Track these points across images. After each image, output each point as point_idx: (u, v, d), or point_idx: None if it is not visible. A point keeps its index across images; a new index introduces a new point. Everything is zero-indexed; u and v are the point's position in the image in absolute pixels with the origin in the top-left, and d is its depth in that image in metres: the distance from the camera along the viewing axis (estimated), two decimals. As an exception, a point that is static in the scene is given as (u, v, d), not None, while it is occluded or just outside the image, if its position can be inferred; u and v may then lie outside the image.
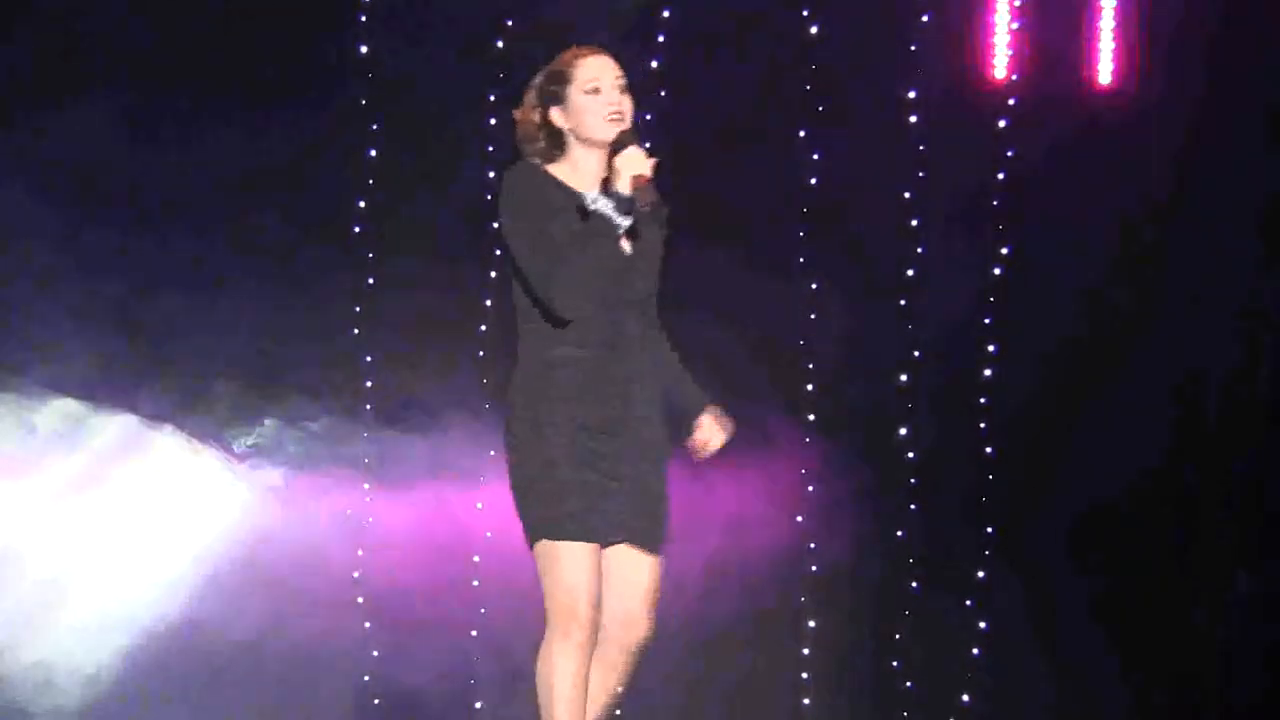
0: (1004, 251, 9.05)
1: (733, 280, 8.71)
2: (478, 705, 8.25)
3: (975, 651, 8.94)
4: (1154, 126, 9.03)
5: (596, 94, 5.20)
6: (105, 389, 8.27)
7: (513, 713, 8.13)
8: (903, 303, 9.00)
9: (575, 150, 5.27)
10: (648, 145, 5.21)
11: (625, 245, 5.18)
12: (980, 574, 8.96)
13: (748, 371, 8.70)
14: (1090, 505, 8.91)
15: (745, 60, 8.77)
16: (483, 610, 8.05)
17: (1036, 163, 9.02)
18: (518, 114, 5.30)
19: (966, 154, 9.02)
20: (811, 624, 8.81)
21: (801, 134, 8.86)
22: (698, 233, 8.38)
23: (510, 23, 8.56)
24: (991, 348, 9.05)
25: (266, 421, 8.34)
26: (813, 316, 8.90)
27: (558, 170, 5.27)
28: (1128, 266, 8.99)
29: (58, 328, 8.21)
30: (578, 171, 5.26)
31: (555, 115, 5.21)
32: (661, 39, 8.74)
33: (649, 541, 5.27)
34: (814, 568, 8.80)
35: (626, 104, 5.24)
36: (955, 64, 9.08)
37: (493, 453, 8.14)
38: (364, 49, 8.41)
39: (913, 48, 8.94)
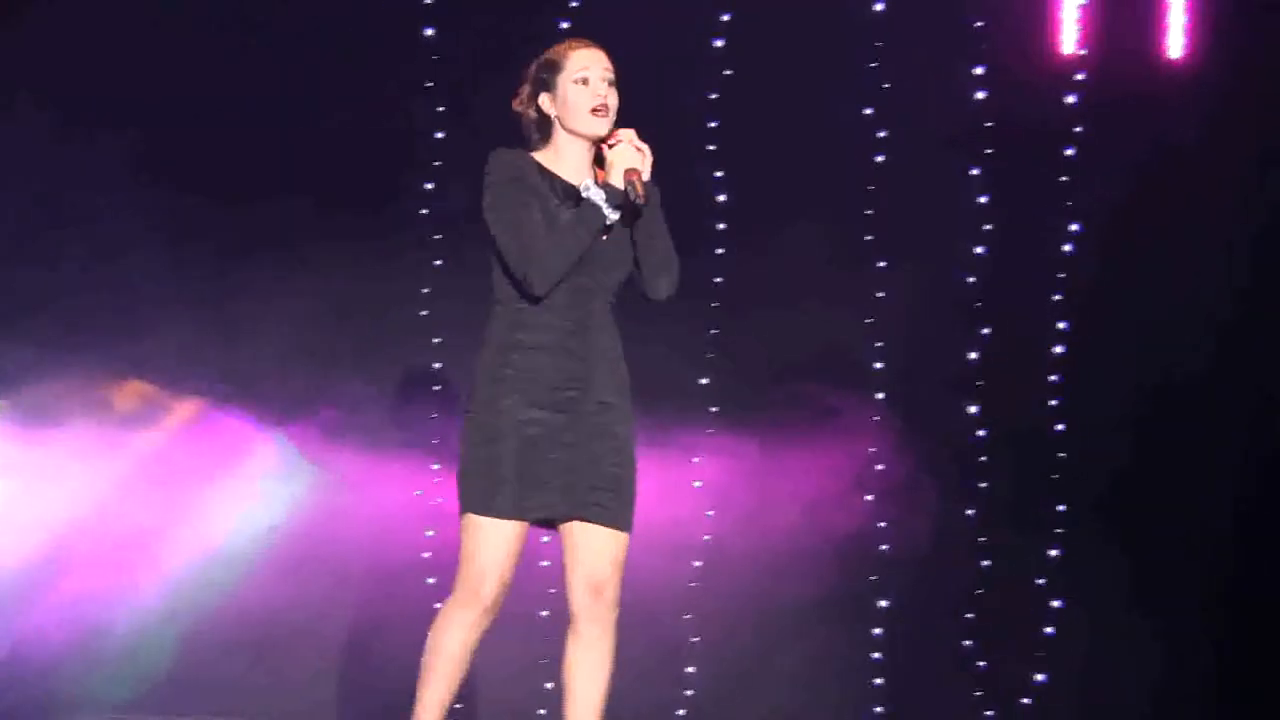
0: (1074, 228, 9.01)
1: (800, 259, 8.77)
2: (547, 686, 8.25)
3: (1049, 630, 8.93)
4: (1223, 100, 8.97)
5: (584, 84, 5.31)
6: (179, 371, 8.44)
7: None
8: (971, 279, 8.98)
9: (560, 137, 5.38)
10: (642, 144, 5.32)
11: (614, 218, 5.27)
12: (1052, 552, 8.94)
13: (815, 351, 8.84)
14: (1164, 481, 8.88)
15: (809, 38, 8.79)
16: (552, 590, 8.11)
17: (1106, 138, 9.00)
18: (514, 103, 5.46)
19: (1035, 130, 8.99)
20: (882, 604, 8.82)
21: (867, 111, 8.88)
22: (764, 213, 8.76)
23: (576, 4, 8.65)
24: (1062, 325, 9.02)
25: (337, 402, 8.43)
26: (880, 295, 8.92)
27: (542, 157, 5.37)
28: (1200, 241, 8.96)
29: (133, 311, 8.36)
30: (561, 158, 5.38)
31: (544, 101, 5.34)
32: (726, 18, 8.80)
33: (608, 518, 5.35)
34: (884, 547, 8.83)
35: (613, 98, 5.34)
36: (1022, 39, 9.05)
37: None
38: (429, 30, 8.50)
39: (979, 23, 8.92)
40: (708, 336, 8.90)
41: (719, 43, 8.85)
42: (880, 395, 8.88)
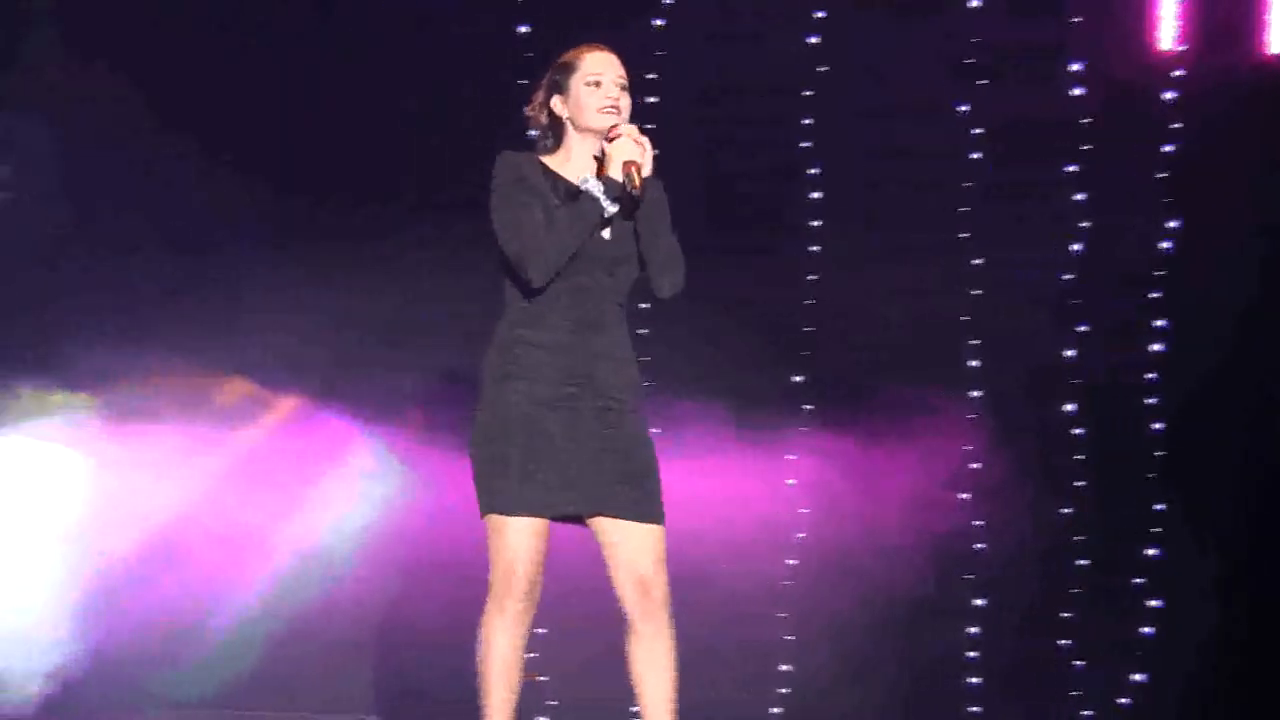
0: (1173, 225, 8.96)
1: (894, 256, 8.80)
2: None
3: (1148, 630, 8.88)
4: None
5: (597, 87, 5.35)
6: (276, 369, 8.55)
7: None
8: (1068, 277, 8.95)
9: (571, 138, 5.42)
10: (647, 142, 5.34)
11: (605, 233, 5.29)
12: (1151, 551, 8.90)
13: (910, 348, 8.83)
14: (1267, 480, 8.79)
15: (905, 34, 8.82)
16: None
17: (1205, 134, 8.93)
18: (527, 108, 5.52)
19: (1133, 126, 8.94)
20: (978, 602, 8.82)
21: (963, 108, 8.89)
22: (859, 210, 8.80)
23: (670, 1, 8.68)
24: (1161, 322, 8.97)
25: (439, 401, 8.44)
26: (976, 292, 8.91)
27: (549, 159, 5.42)
28: None
29: (232, 311, 8.47)
30: (571, 160, 5.42)
31: (556, 103, 5.38)
32: (820, 15, 8.84)
33: (636, 512, 5.37)
34: (980, 545, 8.81)
35: (625, 101, 5.38)
36: (1120, 35, 8.99)
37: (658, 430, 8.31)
38: (522, 29, 8.57)
39: (1076, 19, 8.88)
40: (802, 334, 8.93)
41: (813, 39, 8.88)
42: (976, 393, 8.89)
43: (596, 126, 5.37)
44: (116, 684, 8.31)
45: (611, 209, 5.31)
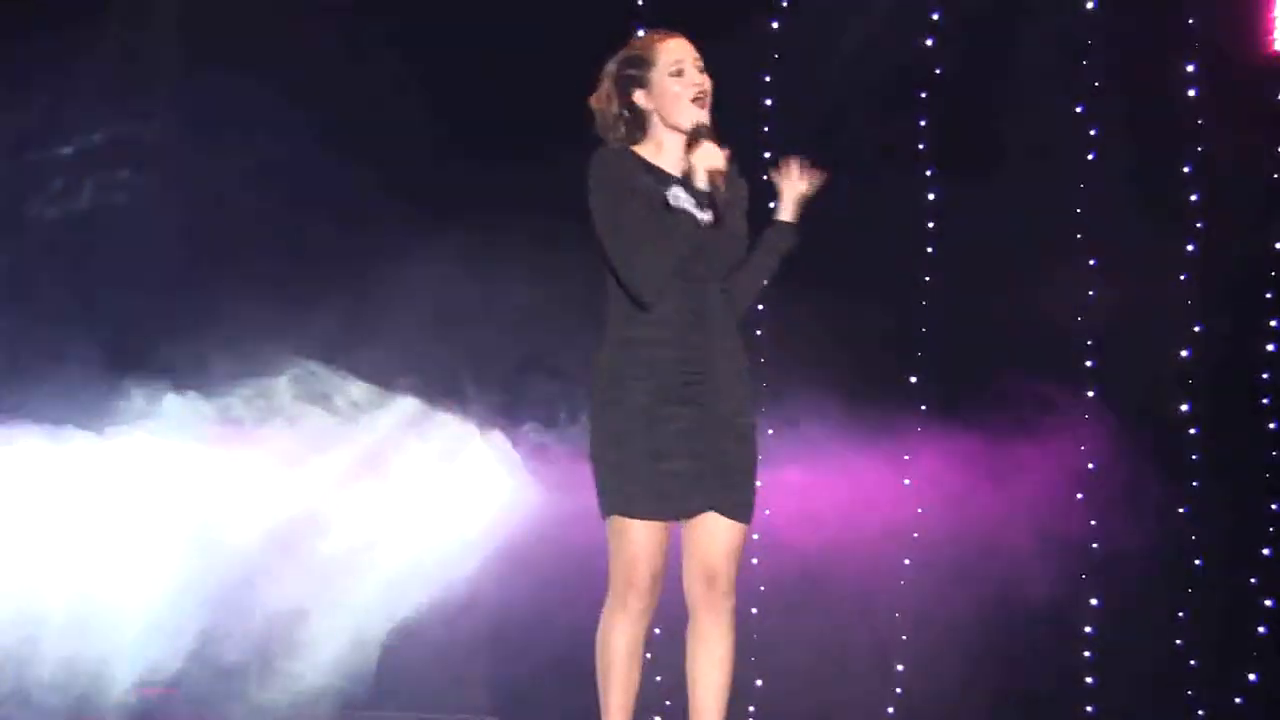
0: None
1: (1010, 256, 8.82)
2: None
3: (1262, 629, 8.90)
4: None
5: (680, 75, 5.32)
6: (398, 373, 8.56)
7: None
8: (1183, 277, 8.99)
9: (659, 132, 5.40)
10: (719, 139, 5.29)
11: (704, 217, 5.31)
12: (1266, 551, 8.93)
13: (1026, 348, 8.86)
14: None
15: (1020, 36, 8.88)
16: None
17: None
18: (594, 101, 5.45)
19: (1245, 127, 8.96)
20: (1094, 602, 8.87)
21: (1079, 109, 8.95)
22: (973, 211, 8.82)
23: (786, 2, 8.79)
24: (1275, 322, 9.01)
25: (559, 403, 8.48)
26: (1091, 292, 8.96)
27: (643, 150, 5.41)
28: None
29: (355, 319, 8.50)
30: (663, 152, 5.38)
31: (639, 98, 5.35)
32: (936, 16, 8.92)
33: (730, 509, 5.35)
34: (1095, 544, 8.85)
35: (707, 83, 5.36)
36: (1233, 37, 9.05)
37: (770, 431, 8.33)
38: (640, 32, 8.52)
39: (1190, 21, 8.94)
40: (917, 334, 9.01)
41: (929, 41, 8.98)
42: (1091, 393, 8.93)
43: (689, 121, 5.36)
44: (228, 681, 8.35)
45: (705, 217, 5.29)
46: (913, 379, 9.04)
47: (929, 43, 8.98)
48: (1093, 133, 8.96)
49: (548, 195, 8.41)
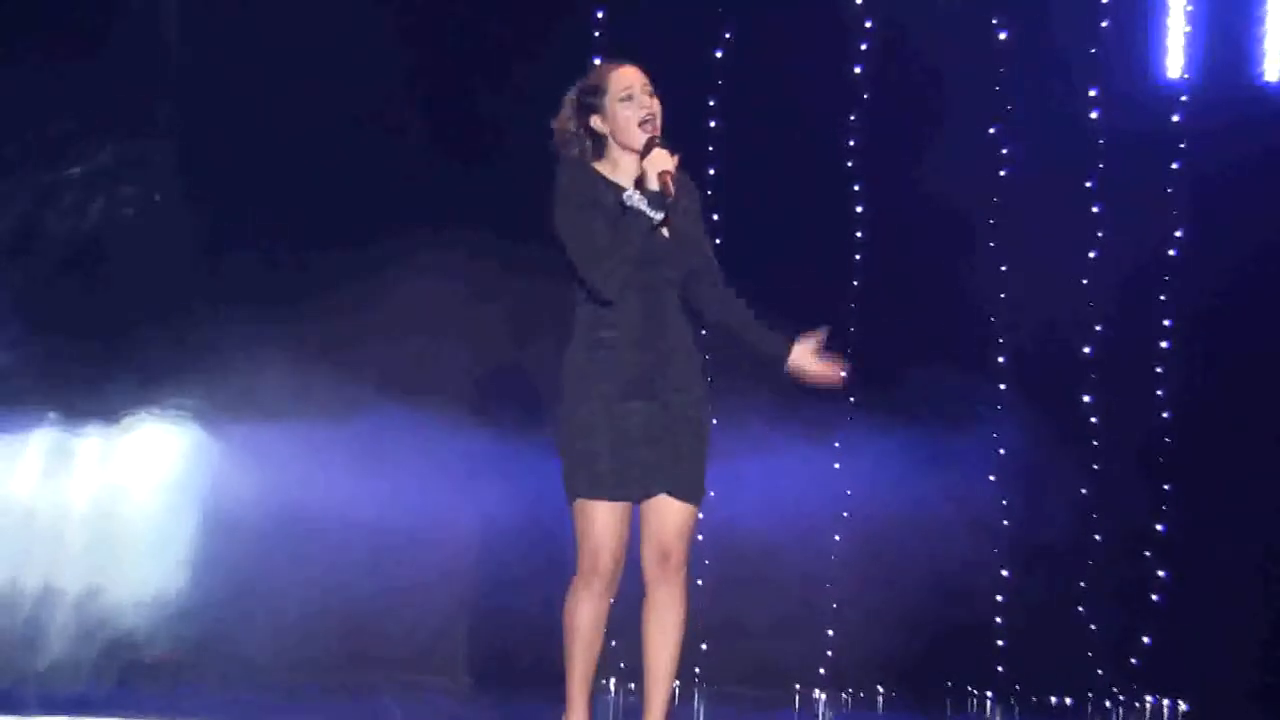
0: (1178, 234, 9.42)
1: (934, 263, 9.19)
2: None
3: (1156, 598, 9.32)
4: None
5: (630, 100, 5.48)
6: (396, 373, 8.73)
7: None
8: (1085, 282, 9.37)
9: (614, 150, 5.55)
10: (671, 148, 5.44)
11: (664, 232, 5.44)
12: (1160, 527, 9.33)
13: (947, 346, 9.19)
14: (1262, 463, 9.15)
15: (941, 64, 9.20)
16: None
17: (1208, 154, 9.37)
18: (555, 123, 5.60)
19: (1143, 146, 9.39)
20: (1004, 573, 9.27)
21: (991, 130, 9.34)
22: (898, 222, 9.16)
23: (729, 35, 9.11)
24: (1167, 322, 9.41)
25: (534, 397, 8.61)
26: (1003, 295, 9.32)
27: (601, 167, 5.56)
28: None
29: (355, 322, 8.63)
30: (618, 169, 5.53)
31: (595, 121, 5.53)
32: (864, 46, 9.25)
33: (683, 492, 5.48)
34: (1005, 522, 9.26)
35: (655, 105, 5.51)
36: (1132, 65, 9.48)
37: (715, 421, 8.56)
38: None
39: (1093, 51, 9.34)
40: (846, 335, 9.06)
41: (857, 69, 9.31)
42: (1003, 386, 9.32)
43: (638, 142, 5.49)
44: (238, 646, 8.41)
45: (657, 216, 5.40)
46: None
47: (857, 70, 9.29)
48: (1005, 151, 9.35)
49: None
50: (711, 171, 9.05)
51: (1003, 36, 9.39)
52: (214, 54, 8.51)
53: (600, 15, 8.93)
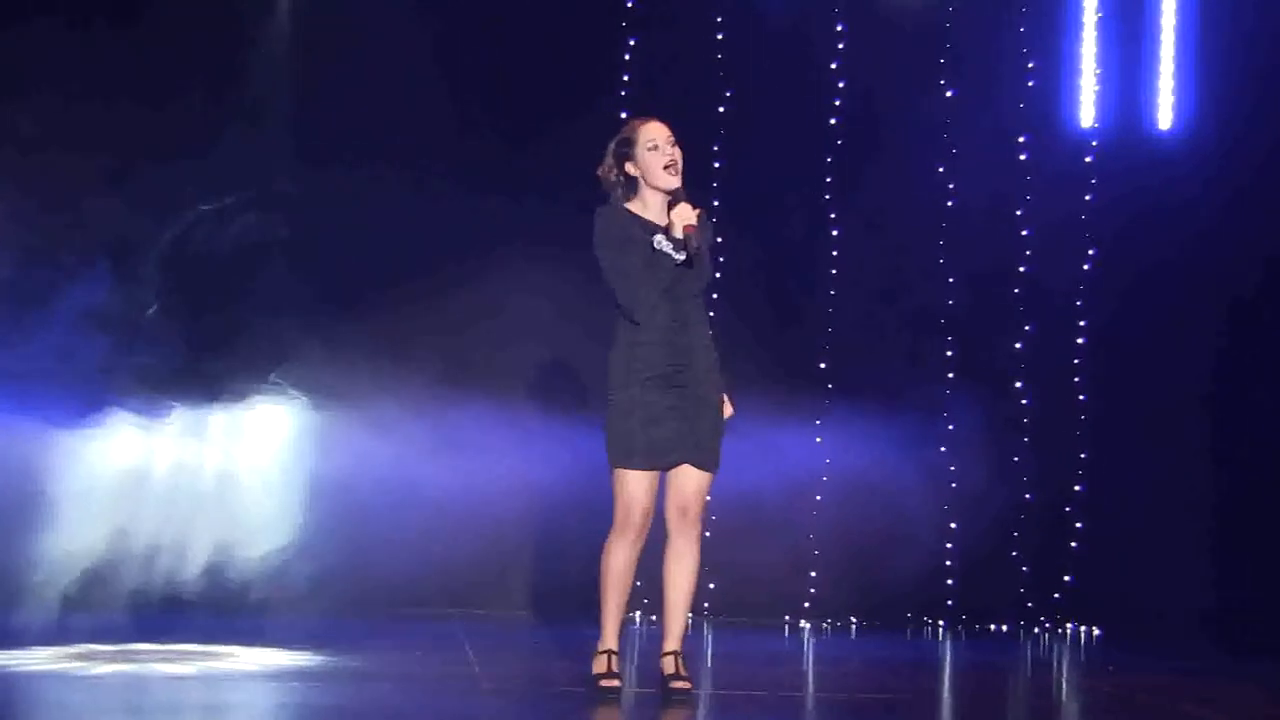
0: (1091, 252, 10.21)
1: (894, 273, 9.92)
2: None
3: (1075, 545, 10.13)
4: (1199, 158, 10.08)
5: (656, 150, 5.92)
6: (470, 372, 9.40)
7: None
8: (1017, 290, 10.14)
9: (645, 191, 5.97)
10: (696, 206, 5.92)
11: (681, 259, 5.85)
12: (1078, 487, 10.13)
13: (904, 341, 10.03)
14: (1159, 435, 9.91)
15: (899, 116, 9.98)
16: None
17: (1115, 187, 10.14)
18: (600, 170, 5.99)
19: (1062, 182, 10.14)
20: (953, 525, 10.01)
21: (940, 169, 10.14)
22: (870, 249, 9.81)
23: (729, 94, 9.73)
24: (1083, 323, 10.20)
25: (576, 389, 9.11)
26: (950, 302, 10.12)
27: (634, 206, 5.96)
28: (1184, 266, 10.02)
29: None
30: (648, 207, 5.96)
31: (629, 167, 5.94)
32: (838, 102, 9.94)
33: (701, 462, 5.91)
34: (954, 485, 10.02)
35: (677, 153, 5.91)
36: (1053, 116, 10.17)
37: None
38: (626, 77, 9.65)
39: (1021, 105, 10.14)
40: (824, 333, 10.01)
41: (833, 121, 9.93)
42: (951, 375, 10.12)
43: (663, 185, 5.90)
44: (339, 585, 9.04)
45: (680, 258, 5.87)
46: (821, 364, 9.96)
47: (832, 121, 9.99)
48: (951, 185, 10.09)
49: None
50: (716, 203, 9.47)
51: (949, 94, 10.11)
52: (318, 92, 9.08)
53: (626, 78, 9.60)
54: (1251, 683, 7.86)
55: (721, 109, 9.84)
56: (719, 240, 6.81)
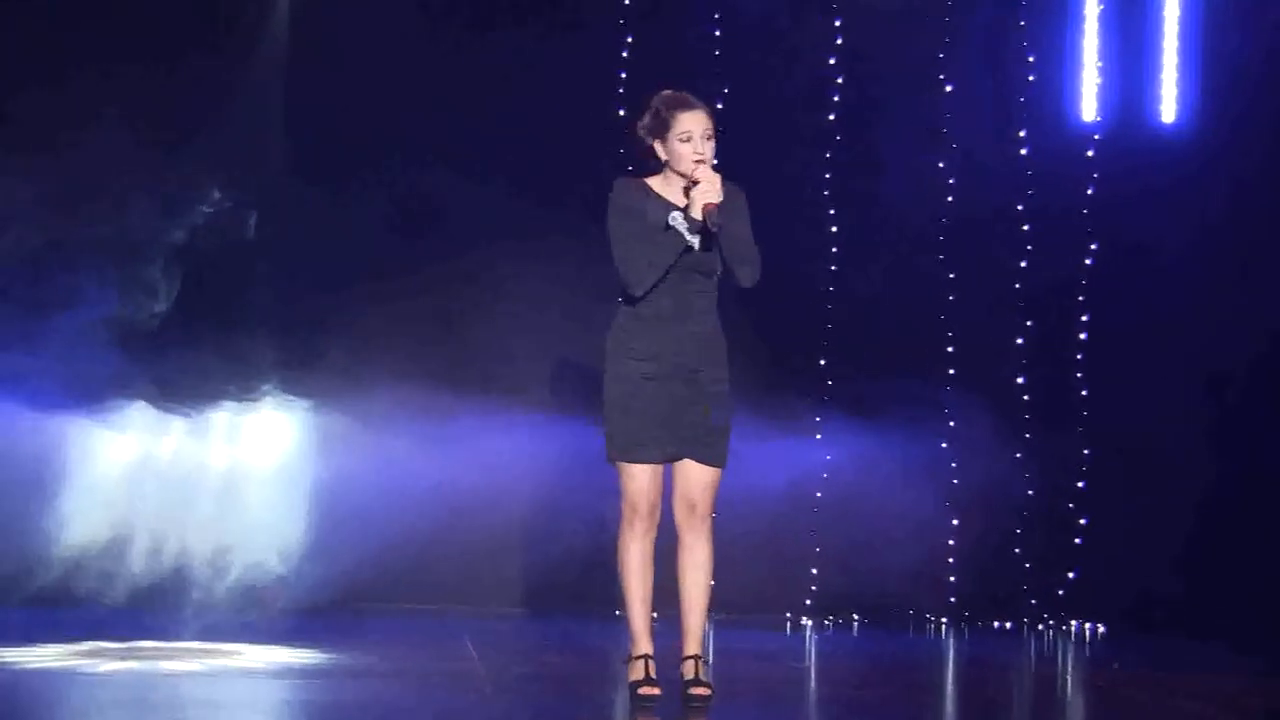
0: (1093, 247, 10.19)
1: (893, 276, 9.93)
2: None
3: (1077, 540, 10.14)
4: (1201, 151, 10.09)
5: (688, 142, 5.71)
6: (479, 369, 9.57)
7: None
8: (1017, 286, 10.13)
9: (669, 171, 5.80)
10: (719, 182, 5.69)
11: (695, 243, 5.69)
12: (1080, 484, 10.13)
13: (904, 341, 9.92)
14: (1161, 432, 9.88)
15: (899, 111, 10.00)
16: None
17: (1116, 182, 10.11)
18: (638, 128, 5.84)
19: (1064, 176, 10.10)
20: (955, 522, 10.06)
21: (940, 165, 10.14)
22: (869, 245, 9.81)
23: (726, 90, 9.71)
24: (1084, 318, 10.17)
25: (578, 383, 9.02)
26: (951, 297, 10.12)
27: (654, 181, 5.81)
28: (1188, 259, 10.00)
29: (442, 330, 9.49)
30: (670, 185, 5.78)
31: (657, 147, 5.77)
32: (836, 98, 9.94)
33: (706, 457, 5.76)
34: (955, 481, 10.05)
35: (709, 149, 5.70)
36: (1054, 110, 10.15)
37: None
38: (622, 111, 9.52)
39: (1022, 99, 10.10)
40: (823, 336, 10.02)
41: (830, 116, 9.94)
42: (951, 371, 10.08)
43: (687, 175, 5.72)
44: (344, 580, 9.07)
45: (693, 240, 5.67)
46: (822, 361, 10.03)
47: (831, 117, 10.03)
48: (951, 181, 10.04)
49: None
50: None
51: (949, 89, 10.09)
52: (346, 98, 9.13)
53: (623, 75, 9.62)
54: (1253, 679, 7.87)
55: (720, 105, 9.67)
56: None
